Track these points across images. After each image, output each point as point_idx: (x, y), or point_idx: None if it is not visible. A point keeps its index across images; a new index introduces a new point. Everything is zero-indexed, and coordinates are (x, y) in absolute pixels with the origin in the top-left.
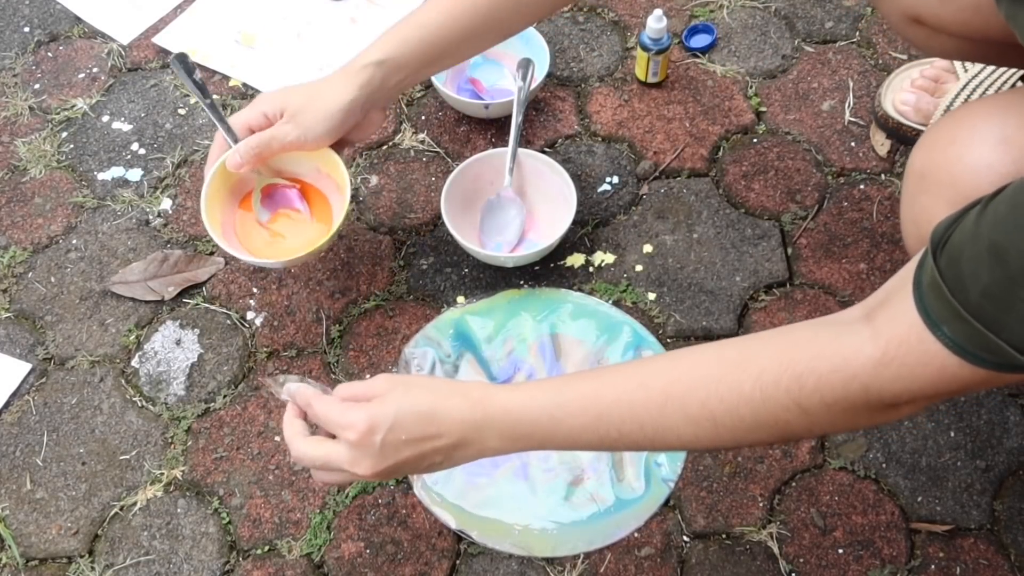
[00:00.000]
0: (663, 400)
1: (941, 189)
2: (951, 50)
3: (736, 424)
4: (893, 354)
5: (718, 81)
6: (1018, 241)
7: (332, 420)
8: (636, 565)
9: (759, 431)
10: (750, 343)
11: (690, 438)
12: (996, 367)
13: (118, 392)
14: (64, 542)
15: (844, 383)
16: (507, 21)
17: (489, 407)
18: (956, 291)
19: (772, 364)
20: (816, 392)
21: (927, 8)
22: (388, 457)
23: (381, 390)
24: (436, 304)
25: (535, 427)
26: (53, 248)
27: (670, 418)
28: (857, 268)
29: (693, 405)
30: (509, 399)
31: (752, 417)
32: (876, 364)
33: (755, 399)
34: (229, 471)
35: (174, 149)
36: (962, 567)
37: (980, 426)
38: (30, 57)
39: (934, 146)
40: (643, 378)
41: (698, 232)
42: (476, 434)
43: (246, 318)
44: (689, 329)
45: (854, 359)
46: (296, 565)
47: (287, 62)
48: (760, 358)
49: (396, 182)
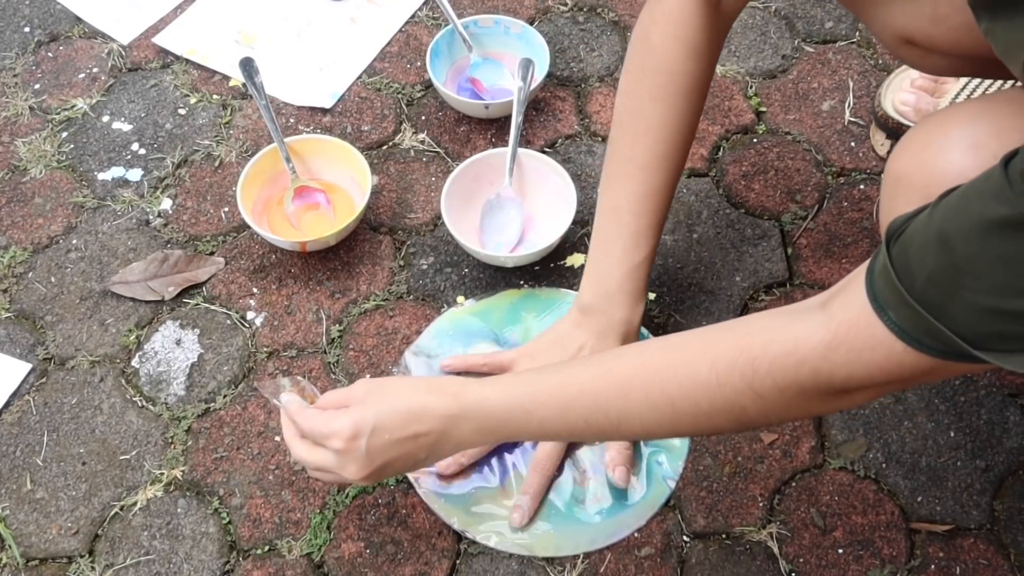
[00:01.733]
0: (627, 387)
1: (914, 192)
2: (944, 68)
3: (694, 410)
4: (843, 338)
5: (718, 81)
6: (964, 229)
7: (316, 431)
8: (636, 565)
9: (716, 416)
10: (712, 331)
11: (652, 424)
12: (940, 354)
13: (118, 392)
14: (64, 542)
15: (795, 366)
16: (677, 175)
17: (465, 400)
18: (903, 277)
19: (728, 349)
20: (768, 376)
21: (919, 30)
22: (375, 459)
23: (360, 395)
24: (436, 304)
25: (508, 418)
26: (53, 248)
27: (633, 404)
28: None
29: (654, 391)
30: (484, 392)
31: (708, 403)
32: (826, 347)
33: (711, 384)
34: (229, 471)
35: (174, 149)
36: (962, 567)
37: (980, 426)
38: (30, 57)
39: (909, 150)
40: (609, 366)
41: (698, 232)
42: (454, 427)
43: (246, 318)
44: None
45: (805, 342)
46: (296, 565)
47: (287, 62)
48: (718, 344)
49: (396, 182)
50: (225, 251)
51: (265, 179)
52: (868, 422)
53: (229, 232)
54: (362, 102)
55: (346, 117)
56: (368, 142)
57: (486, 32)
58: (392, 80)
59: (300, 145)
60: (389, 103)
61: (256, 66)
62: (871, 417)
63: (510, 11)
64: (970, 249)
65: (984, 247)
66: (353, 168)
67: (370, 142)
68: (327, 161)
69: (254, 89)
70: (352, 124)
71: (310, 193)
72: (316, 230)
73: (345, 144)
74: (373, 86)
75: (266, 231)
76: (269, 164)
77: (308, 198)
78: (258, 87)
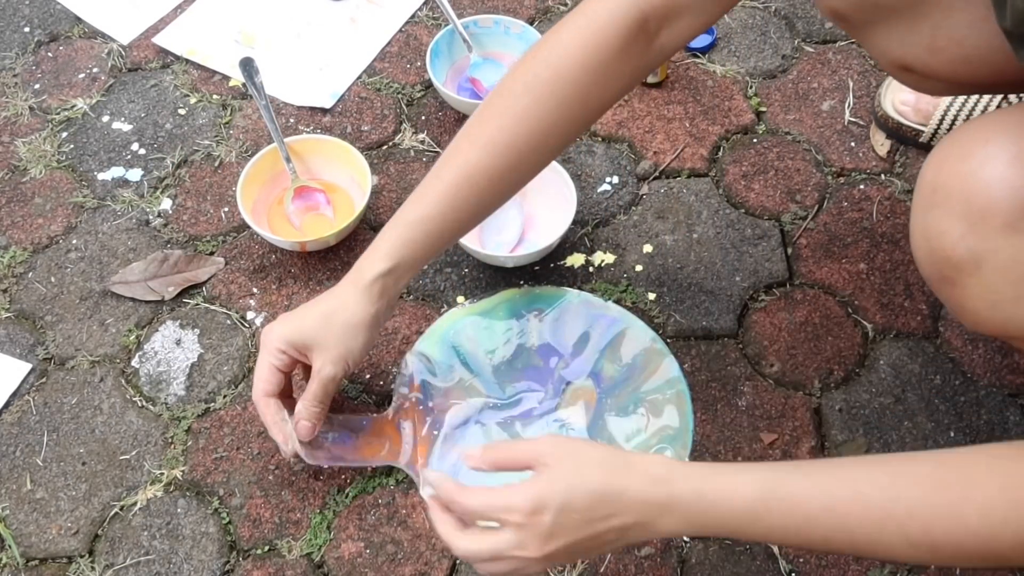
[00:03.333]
0: (882, 518)
1: (953, 204)
2: (942, 91)
3: (957, 553)
4: None
5: (718, 81)
6: None
7: (491, 508)
8: (636, 565)
9: (977, 562)
10: (968, 462)
11: (901, 556)
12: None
13: (118, 392)
14: (64, 542)
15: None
16: (509, 191)
17: (676, 488)
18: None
19: (998, 497)
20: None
21: (916, 59)
22: (559, 537)
23: (548, 459)
24: (436, 304)
25: (731, 519)
26: (53, 248)
27: (887, 537)
28: (857, 268)
29: (914, 530)
30: (704, 483)
31: (976, 551)
32: None
33: (982, 535)
34: (229, 471)
35: (174, 149)
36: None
37: (980, 426)
38: (30, 57)
39: (946, 160)
40: (859, 487)
41: (698, 232)
42: (656, 515)
43: (246, 318)
44: (689, 329)
45: None
46: (296, 565)
47: (287, 62)
48: (984, 487)
49: (396, 182)
50: (225, 251)
51: (265, 179)
52: (868, 422)
53: (229, 232)
54: (362, 102)
55: (346, 117)
56: (368, 142)
57: (486, 32)
58: (392, 80)
59: (300, 145)
60: (389, 103)
61: (256, 66)
62: (871, 417)
63: (510, 11)
64: None
65: None
66: (353, 168)
67: (370, 142)
68: (327, 161)
69: (254, 89)
70: (352, 124)
71: (310, 193)
72: (316, 230)
73: (345, 144)
74: (373, 86)
75: (266, 231)
76: (269, 164)
77: (308, 198)
78: (258, 87)
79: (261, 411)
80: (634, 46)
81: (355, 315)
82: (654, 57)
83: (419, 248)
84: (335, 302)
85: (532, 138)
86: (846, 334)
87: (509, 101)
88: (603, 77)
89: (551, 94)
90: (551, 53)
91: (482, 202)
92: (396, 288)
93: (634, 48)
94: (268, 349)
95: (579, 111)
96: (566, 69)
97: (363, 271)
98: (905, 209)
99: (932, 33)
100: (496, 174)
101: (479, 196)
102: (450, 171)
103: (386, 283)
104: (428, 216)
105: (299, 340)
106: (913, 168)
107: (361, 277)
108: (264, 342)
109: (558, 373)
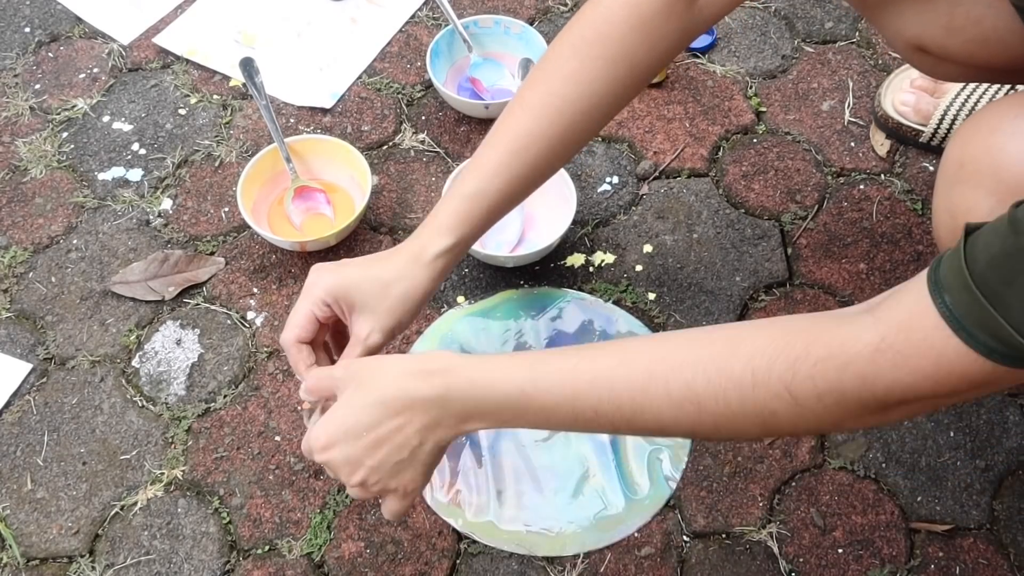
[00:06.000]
0: (645, 379)
1: (981, 178)
2: (956, 75)
3: (721, 409)
4: (891, 340)
5: (718, 81)
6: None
7: (306, 451)
8: (636, 565)
9: (743, 419)
10: (743, 327)
11: (669, 421)
12: (991, 353)
13: (118, 392)
14: (65, 542)
15: (839, 369)
16: (564, 157)
17: (452, 381)
18: (969, 260)
19: (766, 347)
20: (809, 379)
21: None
22: (361, 461)
23: (340, 385)
24: (436, 304)
25: (504, 402)
26: (54, 248)
27: (652, 398)
28: (857, 268)
29: (677, 386)
30: (476, 372)
31: (739, 402)
32: (873, 350)
33: (744, 382)
34: (229, 471)
35: (174, 149)
36: (961, 567)
37: (980, 426)
38: (31, 57)
39: (974, 135)
40: (625, 355)
41: (698, 232)
42: (441, 409)
43: (246, 318)
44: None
45: (851, 345)
46: (296, 565)
47: (287, 62)
48: (753, 340)
49: (396, 182)
50: (225, 251)
51: (265, 179)
52: None
53: (229, 232)
54: (362, 102)
55: (346, 117)
56: (368, 142)
57: (486, 32)
58: (392, 80)
59: (300, 145)
60: (389, 103)
61: (256, 66)
62: None
63: (510, 11)
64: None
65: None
66: (353, 168)
67: (370, 142)
68: (327, 161)
69: (254, 89)
70: (352, 124)
71: (310, 193)
72: (316, 230)
73: (345, 144)
74: (373, 86)
75: (266, 231)
76: (269, 164)
77: (308, 198)
78: (258, 87)
79: (292, 358)
80: (676, 4)
81: (416, 289)
82: (696, 19)
83: (478, 222)
84: (394, 271)
85: (583, 100)
86: None
87: (557, 64)
88: (648, 36)
89: (599, 55)
90: (595, 15)
91: (538, 169)
92: (455, 263)
93: (676, 6)
94: (312, 297)
95: (626, 71)
96: (611, 28)
97: (425, 247)
98: (905, 209)
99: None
100: (550, 139)
101: (535, 163)
102: (504, 139)
103: (448, 260)
104: (486, 190)
105: (348, 298)
106: (913, 168)
107: (424, 252)
108: (309, 288)
109: None
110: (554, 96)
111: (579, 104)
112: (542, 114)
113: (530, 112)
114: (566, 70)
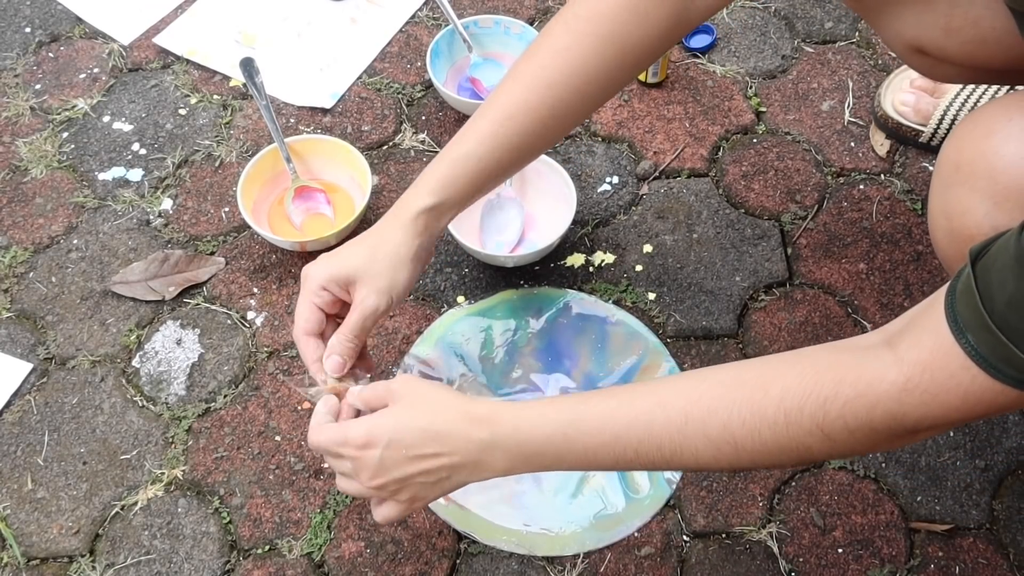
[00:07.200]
0: (683, 421)
1: (977, 181)
2: (954, 76)
3: (758, 448)
4: (917, 380)
5: (718, 81)
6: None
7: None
8: (636, 565)
9: (780, 455)
10: (770, 365)
11: (708, 459)
12: (1020, 384)
13: (119, 392)
14: (65, 541)
15: (868, 409)
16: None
17: (496, 426)
18: (985, 299)
19: (795, 388)
20: (840, 419)
21: (931, 41)
22: (387, 470)
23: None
24: (436, 304)
25: (547, 446)
26: (54, 248)
27: (690, 439)
28: (857, 268)
29: (714, 427)
30: (518, 417)
31: (774, 441)
32: (900, 391)
33: (778, 423)
34: (230, 471)
35: (175, 149)
36: (961, 566)
37: (979, 426)
38: (31, 57)
39: (969, 137)
40: (661, 397)
41: (698, 232)
42: (482, 454)
43: (246, 318)
44: (689, 329)
45: (878, 384)
46: (296, 565)
47: (287, 62)
48: (782, 380)
49: (396, 182)
50: (225, 251)
51: (265, 179)
52: None
53: (229, 232)
54: (362, 102)
55: (346, 117)
56: (368, 142)
57: (486, 32)
58: (392, 80)
59: (300, 145)
60: (389, 103)
61: (256, 66)
62: None
63: (510, 11)
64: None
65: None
66: (353, 168)
67: (370, 142)
68: (327, 161)
69: (254, 89)
70: (352, 124)
71: (310, 193)
72: (316, 230)
73: (345, 144)
74: (373, 86)
75: (266, 231)
76: (269, 164)
77: (308, 198)
78: (258, 87)
79: (302, 350)
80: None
81: (400, 246)
82: (690, 8)
83: (463, 186)
84: (377, 237)
85: (573, 76)
86: (846, 334)
87: (550, 40)
88: (640, 18)
89: (591, 31)
90: None
91: (525, 141)
92: (439, 225)
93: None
94: (309, 288)
95: (617, 51)
96: (604, 6)
97: (407, 206)
98: (905, 209)
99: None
100: (539, 111)
101: (522, 134)
102: (493, 109)
103: (429, 219)
104: (472, 153)
105: (341, 275)
106: (913, 168)
107: (405, 211)
108: (304, 281)
109: (556, 374)
110: (545, 69)
111: (570, 80)
112: (532, 86)
113: (521, 83)
114: (558, 45)
